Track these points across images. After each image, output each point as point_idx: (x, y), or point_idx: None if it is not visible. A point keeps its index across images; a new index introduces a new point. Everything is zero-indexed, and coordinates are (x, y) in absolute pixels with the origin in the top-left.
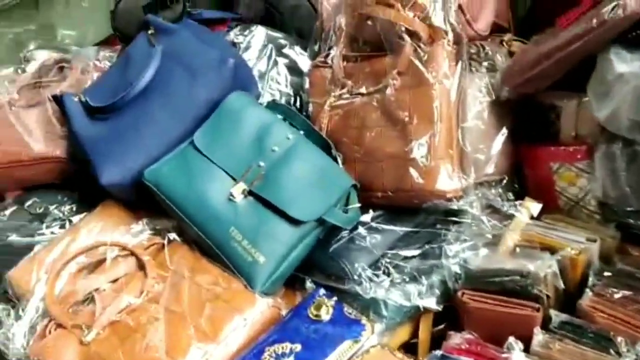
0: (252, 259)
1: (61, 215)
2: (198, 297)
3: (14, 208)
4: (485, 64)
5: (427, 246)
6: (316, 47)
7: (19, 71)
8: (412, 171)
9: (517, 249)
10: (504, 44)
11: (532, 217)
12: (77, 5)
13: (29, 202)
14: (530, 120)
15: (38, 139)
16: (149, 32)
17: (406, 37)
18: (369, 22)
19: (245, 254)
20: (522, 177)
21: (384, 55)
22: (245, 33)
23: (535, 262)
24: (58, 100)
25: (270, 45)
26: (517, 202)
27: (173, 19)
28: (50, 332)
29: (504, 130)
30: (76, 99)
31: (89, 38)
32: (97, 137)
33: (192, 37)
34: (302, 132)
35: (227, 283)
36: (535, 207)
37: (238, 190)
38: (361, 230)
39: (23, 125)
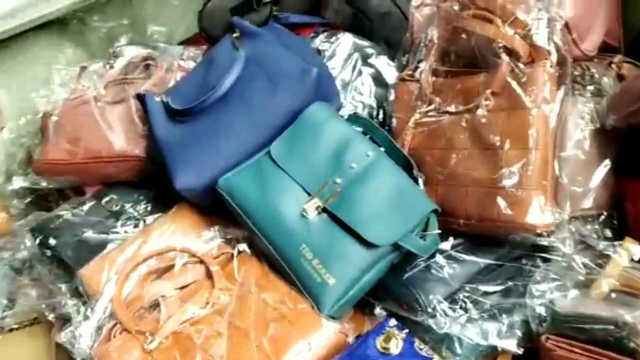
0: (322, 279)
1: (136, 214)
2: (263, 314)
3: (92, 203)
4: (590, 88)
5: (510, 282)
6: (404, 59)
7: (107, 66)
8: (500, 200)
9: (613, 295)
10: (613, 66)
11: (632, 260)
12: (168, 3)
13: (106, 199)
14: (637, 151)
15: (119, 136)
16: (234, 35)
17: (504, 55)
18: (464, 37)
19: (314, 274)
20: (623, 214)
21: (478, 73)
22: (332, 40)
23: (633, 312)
24: (141, 98)
25: (356, 54)
26: (616, 242)
27: (259, 22)
28: (115, 335)
29: (607, 162)
30: (158, 99)
31: (178, 35)
32: (175, 140)
33: (277, 42)
34: (382, 149)
35: (293, 303)
36: (636, 248)
37: (312, 206)
38: (439, 258)
39: (106, 121)
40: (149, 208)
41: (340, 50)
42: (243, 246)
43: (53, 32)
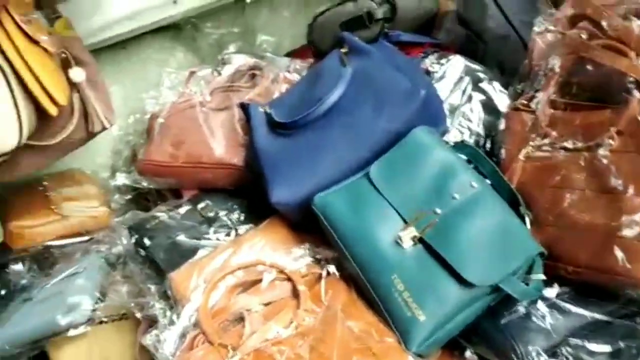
0: (412, 314)
1: (229, 222)
2: (347, 343)
3: (187, 208)
4: None
5: (621, 343)
6: (519, 87)
7: (215, 73)
8: (618, 251)
9: None
10: None
11: None
12: (279, 14)
13: (201, 204)
14: None
15: (220, 143)
16: (343, 50)
17: (635, 91)
18: (590, 68)
19: (404, 307)
20: None
21: (602, 108)
22: (442, 61)
23: None
24: (245, 108)
25: (467, 78)
26: None
27: (369, 38)
28: (197, 345)
29: None
30: (261, 110)
31: (285, 45)
32: (275, 152)
33: (385, 61)
34: (488, 181)
35: (380, 335)
36: None
37: (408, 235)
38: (541, 306)
39: (209, 127)
40: (242, 217)
41: (450, 72)
42: (332, 268)
43: (167, 35)
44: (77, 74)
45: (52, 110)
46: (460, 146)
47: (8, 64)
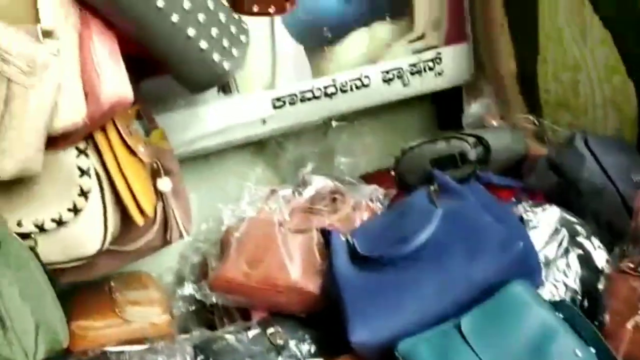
0: None
1: (298, 353)
2: None
3: (256, 332)
4: None
5: None
6: (625, 248)
7: (296, 194)
8: None
9: None
10: None
11: None
12: (360, 139)
13: (271, 330)
14: None
15: (297, 267)
16: (432, 188)
17: None
18: None
19: None
20: None
21: None
22: (536, 209)
23: None
24: (326, 234)
25: (563, 230)
26: None
27: (459, 177)
28: None
29: None
30: (343, 239)
31: (361, 167)
32: (356, 286)
33: (478, 204)
34: (592, 349)
35: None
36: None
37: None
38: None
39: (287, 249)
40: (312, 350)
41: (545, 222)
42: None
43: (250, 150)
44: (165, 184)
45: (139, 220)
46: (559, 305)
47: (105, 172)
